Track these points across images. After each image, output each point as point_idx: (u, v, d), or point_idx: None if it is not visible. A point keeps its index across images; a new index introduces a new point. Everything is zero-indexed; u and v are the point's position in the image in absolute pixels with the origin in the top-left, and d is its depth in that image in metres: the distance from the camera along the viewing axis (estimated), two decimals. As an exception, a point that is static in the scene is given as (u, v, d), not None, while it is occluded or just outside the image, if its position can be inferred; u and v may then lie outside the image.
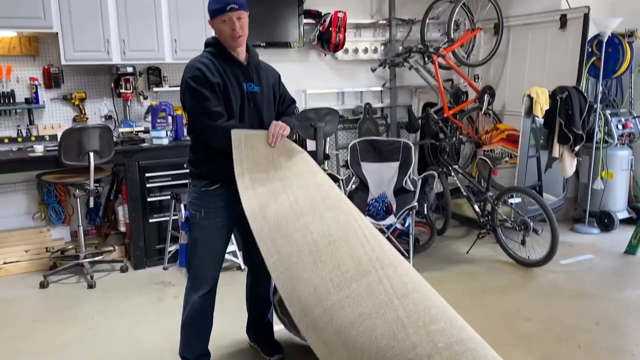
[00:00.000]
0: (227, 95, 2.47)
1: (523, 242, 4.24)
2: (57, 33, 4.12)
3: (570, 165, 4.68)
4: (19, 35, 4.26)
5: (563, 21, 5.06)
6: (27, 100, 4.37)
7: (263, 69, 2.65)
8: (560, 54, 5.15)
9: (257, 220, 2.34)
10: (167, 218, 4.35)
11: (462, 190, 4.68)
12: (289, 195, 2.44)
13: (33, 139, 4.42)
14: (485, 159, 4.54)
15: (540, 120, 4.74)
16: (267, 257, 2.24)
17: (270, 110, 2.64)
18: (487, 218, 4.49)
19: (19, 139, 4.38)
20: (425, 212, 4.29)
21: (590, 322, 3.32)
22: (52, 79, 4.43)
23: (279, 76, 2.73)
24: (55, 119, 4.53)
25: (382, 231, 4.22)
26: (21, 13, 3.95)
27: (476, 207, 4.56)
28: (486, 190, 4.48)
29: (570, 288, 3.83)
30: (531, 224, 4.18)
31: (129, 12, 4.29)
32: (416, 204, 4.04)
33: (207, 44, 2.58)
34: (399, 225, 4.16)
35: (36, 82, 4.37)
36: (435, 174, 4.39)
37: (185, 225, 3.85)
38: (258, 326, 3.01)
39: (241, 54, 2.55)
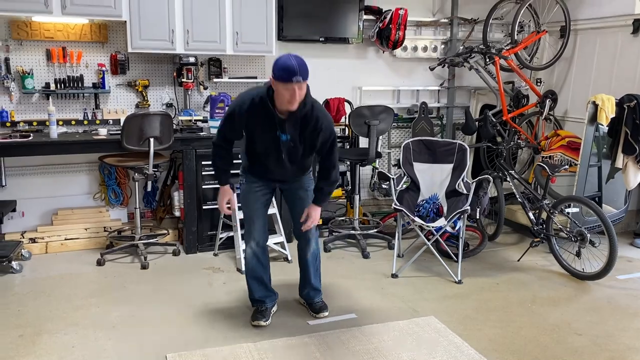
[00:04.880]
0: (252, 133, 2.97)
1: (578, 254, 4.10)
2: (125, 22, 4.27)
3: (634, 177, 4.48)
4: (90, 23, 4.44)
5: (636, 26, 4.84)
6: (94, 85, 4.56)
7: (304, 122, 2.89)
8: (630, 61, 4.93)
9: None
10: (220, 206, 4.44)
11: (517, 196, 4.56)
12: None
13: (98, 122, 4.62)
14: (544, 165, 4.40)
15: (604, 128, 4.55)
16: None
17: (295, 152, 3.00)
18: (541, 226, 4.36)
19: (85, 122, 4.58)
20: (477, 217, 4.21)
21: (647, 342, 3.18)
22: (119, 66, 4.60)
23: (320, 130, 2.92)
24: (119, 104, 4.71)
25: (431, 233, 4.18)
26: (93, 1, 4.12)
27: (531, 214, 4.44)
28: (542, 197, 4.35)
29: (626, 305, 3.67)
30: (588, 235, 4.03)
31: (194, 4, 4.40)
32: (468, 208, 3.97)
33: (267, 89, 2.85)
34: (449, 229, 4.10)
35: (103, 68, 4.56)
36: (490, 178, 4.29)
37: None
38: (306, 286, 3.43)
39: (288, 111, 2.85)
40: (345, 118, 5.22)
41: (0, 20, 4.24)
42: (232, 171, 3.17)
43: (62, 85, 4.46)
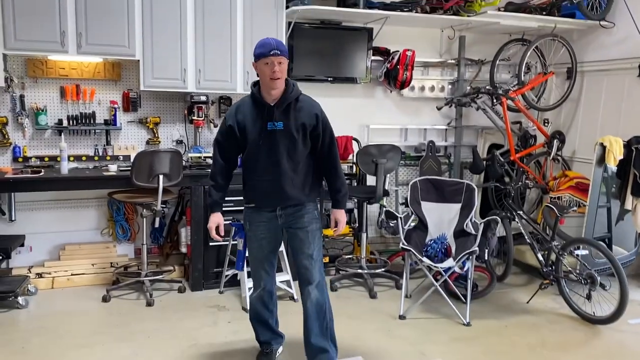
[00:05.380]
0: (244, 131, 2.91)
1: (589, 297, 4.04)
2: (138, 60, 4.37)
3: (644, 219, 4.45)
4: (104, 61, 4.55)
5: (642, 69, 4.89)
6: (106, 122, 4.64)
7: (297, 109, 2.90)
8: (637, 103, 4.95)
9: None
10: (227, 243, 4.44)
11: (526, 236, 4.53)
12: None
13: (108, 158, 4.67)
14: (552, 206, 4.38)
15: (612, 168, 4.55)
16: None
17: (293, 145, 2.90)
18: (550, 268, 4.32)
19: (96, 158, 4.64)
20: (486, 258, 4.17)
21: (661, 390, 3.10)
22: (131, 103, 4.68)
23: (316, 115, 2.93)
24: (130, 140, 4.77)
25: (439, 274, 4.15)
26: (108, 41, 4.23)
27: (539, 255, 4.40)
28: (551, 239, 4.32)
29: (638, 351, 3.60)
30: (598, 278, 3.98)
31: (207, 45, 4.49)
32: (476, 248, 3.94)
33: (252, 85, 2.96)
34: (457, 269, 4.06)
35: (116, 105, 4.64)
36: (499, 219, 4.27)
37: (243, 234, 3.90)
38: (308, 344, 3.05)
39: (274, 95, 2.86)
40: (353, 156, 5.25)
41: (17, 59, 4.35)
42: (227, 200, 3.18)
43: (75, 121, 4.54)
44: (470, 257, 3.99)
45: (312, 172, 3.03)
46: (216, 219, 3.09)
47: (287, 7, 4.72)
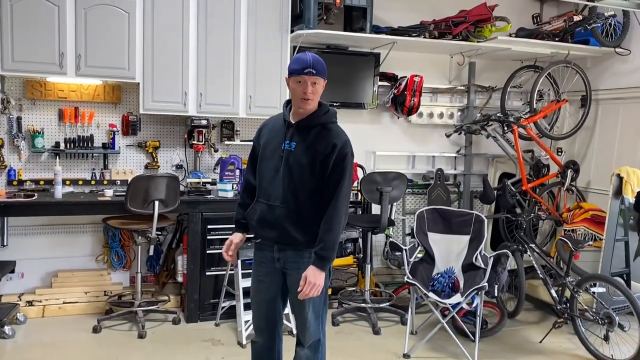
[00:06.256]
0: (266, 150, 2.67)
1: (606, 338, 3.79)
2: (138, 83, 4.27)
3: (664, 254, 4.22)
4: (104, 84, 4.46)
5: (660, 97, 4.70)
6: (104, 145, 4.52)
7: (319, 134, 2.56)
8: (655, 132, 4.76)
9: None
10: (224, 272, 4.26)
11: (538, 271, 4.30)
12: None
13: (105, 182, 4.54)
14: (566, 240, 4.17)
15: (630, 200, 4.33)
16: None
17: (299, 172, 2.54)
18: (565, 305, 4.08)
19: (92, 182, 4.51)
20: (496, 294, 3.95)
21: None
22: (130, 126, 4.58)
23: (334, 144, 2.52)
24: (128, 164, 4.65)
25: (447, 309, 3.93)
26: (108, 63, 4.14)
27: (553, 292, 4.17)
28: (565, 274, 4.09)
29: (662, 399, 3.34)
30: (616, 317, 3.74)
31: (209, 68, 4.39)
32: (486, 284, 3.73)
33: (286, 102, 2.73)
34: (465, 305, 3.84)
35: (114, 129, 4.53)
36: (509, 253, 4.06)
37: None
38: None
39: (301, 114, 2.58)
40: (358, 183, 5.08)
41: (15, 80, 4.28)
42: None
43: (72, 145, 4.42)
44: (479, 292, 3.77)
45: (323, 214, 2.54)
46: (232, 238, 2.77)
47: (292, 31, 4.63)
